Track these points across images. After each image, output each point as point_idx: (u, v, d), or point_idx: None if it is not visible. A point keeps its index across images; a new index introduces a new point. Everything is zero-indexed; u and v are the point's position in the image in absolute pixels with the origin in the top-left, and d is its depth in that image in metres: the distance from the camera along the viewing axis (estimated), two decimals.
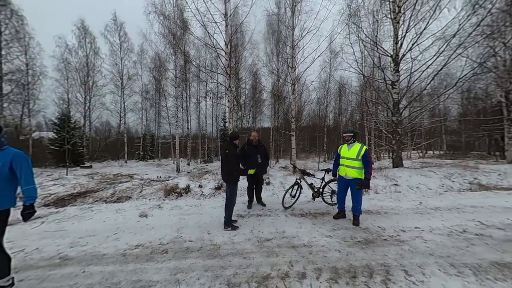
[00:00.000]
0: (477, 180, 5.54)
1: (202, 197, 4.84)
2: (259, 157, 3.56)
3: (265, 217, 3.11)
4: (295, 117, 9.00)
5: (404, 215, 3.11)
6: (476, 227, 2.59)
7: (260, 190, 3.79)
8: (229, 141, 2.86)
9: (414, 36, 6.79)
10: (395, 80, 7.15)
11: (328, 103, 16.79)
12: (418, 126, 9.02)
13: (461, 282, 1.60)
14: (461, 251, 2.05)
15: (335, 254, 2.04)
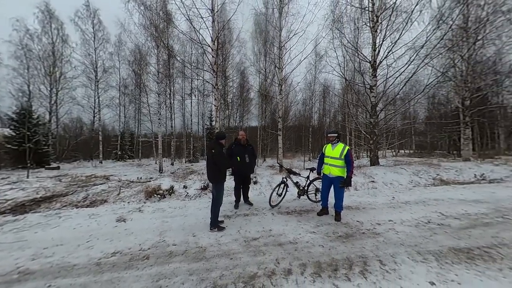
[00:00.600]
0: (439, 176, 6.27)
1: (187, 198, 4.67)
2: (247, 157, 3.56)
3: (252, 217, 3.12)
4: (282, 117, 9.18)
5: (379, 209, 3.38)
6: (438, 218, 2.94)
7: (247, 190, 3.79)
8: (215, 141, 2.80)
9: (390, 45, 7.40)
10: (373, 85, 7.71)
11: (313, 104, 17.43)
12: (392, 128, 9.88)
13: (425, 267, 1.80)
14: (426, 240, 2.30)
15: (318, 249, 2.14)
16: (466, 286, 1.56)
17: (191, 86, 16.21)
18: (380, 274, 1.71)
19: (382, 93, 8.08)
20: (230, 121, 15.86)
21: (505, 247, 2.11)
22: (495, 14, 8.37)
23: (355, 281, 1.64)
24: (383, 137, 12.87)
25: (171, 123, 15.15)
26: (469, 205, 3.47)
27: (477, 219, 2.86)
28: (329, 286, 1.58)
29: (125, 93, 18.06)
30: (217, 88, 6.37)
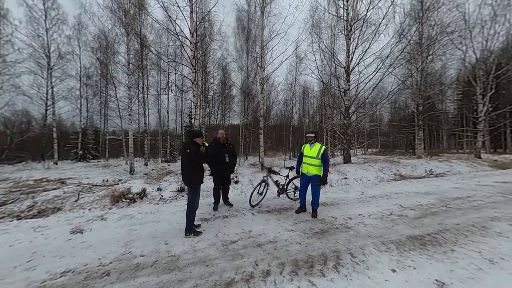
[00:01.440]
0: (399, 172, 7.14)
1: (162, 201, 4.32)
2: (227, 156, 3.45)
3: (232, 218, 3.04)
4: (264, 116, 9.24)
5: (351, 204, 3.66)
6: (398, 210, 3.32)
7: (227, 191, 3.68)
8: (190, 140, 2.62)
9: (361, 53, 8.07)
10: (347, 89, 8.33)
11: (294, 105, 18.06)
12: (362, 129, 10.88)
13: (388, 256, 1.99)
14: (388, 230, 2.57)
15: (296, 247, 2.18)
16: (420, 270, 1.77)
17: (168, 80, 15.08)
18: (351, 266, 1.83)
19: (354, 96, 8.81)
20: (211, 119, 15.32)
21: (448, 232, 2.49)
22: (442, 34, 9.89)
23: (329, 275, 1.71)
24: (355, 137, 14.12)
25: (145, 119, 13.84)
26: (421, 197, 4.02)
27: (427, 209, 3.33)
28: (305, 284, 1.62)
29: (87, 84, 15.81)
30: (196, 84, 6.02)
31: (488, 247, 2.11)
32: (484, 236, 2.36)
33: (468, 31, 10.72)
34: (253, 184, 5.16)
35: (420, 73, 10.27)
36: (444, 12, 9.83)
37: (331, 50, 8.98)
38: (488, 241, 2.24)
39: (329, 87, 10.27)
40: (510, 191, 4.40)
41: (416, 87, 10.60)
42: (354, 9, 8.04)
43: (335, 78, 9.26)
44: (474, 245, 2.16)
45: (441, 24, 9.77)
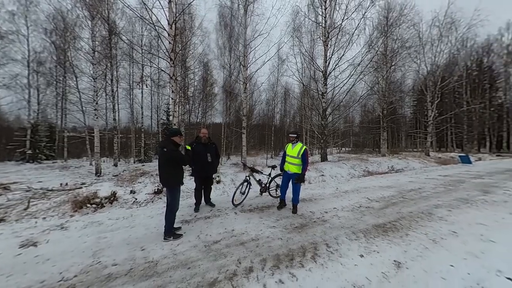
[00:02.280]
0: (367, 168, 7.98)
1: (136, 205, 3.98)
2: (209, 156, 3.37)
3: (214, 218, 3.00)
4: (247, 115, 9.25)
5: (327, 199, 3.97)
6: (366, 202, 3.73)
7: (209, 191, 3.61)
8: (167, 138, 2.47)
9: (337, 59, 8.72)
10: (324, 92, 8.91)
11: (276, 105, 18.50)
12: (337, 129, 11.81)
13: (357, 243, 2.24)
14: (358, 221, 2.88)
15: (278, 242, 2.28)
16: (383, 253, 2.05)
17: (142, 73, 13.83)
18: (327, 255, 2.01)
19: (331, 99, 9.48)
20: (192, 117, 14.64)
21: (404, 219, 2.91)
22: (402, 48, 11.33)
23: (308, 266, 1.85)
24: (331, 137, 15.23)
25: (114, 115, 12.45)
26: (384, 190, 4.59)
27: (388, 201, 3.82)
28: (286, 276, 1.72)
29: (38, 71, 13.41)
30: (175, 79, 5.67)
31: (432, 230, 2.55)
32: (429, 221, 2.83)
33: (421, 47, 12.54)
34: (235, 184, 5.15)
35: (385, 81, 11.61)
36: (404, 29, 11.29)
37: (310, 54, 9.47)
38: (433, 225, 2.70)
39: (308, 89, 10.83)
40: (449, 183, 5.36)
41: (382, 93, 11.96)
42: (331, 18, 8.63)
43: (314, 81, 9.81)
44: (422, 229, 2.58)
45: (401, 39, 11.20)
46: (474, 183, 5.29)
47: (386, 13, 10.82)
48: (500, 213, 3.07)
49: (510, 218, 2.89)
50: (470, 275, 1.68)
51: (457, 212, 3.15)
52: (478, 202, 3.67)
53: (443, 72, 13.22)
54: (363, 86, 10.32)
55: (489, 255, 1.96)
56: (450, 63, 14.38)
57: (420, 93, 15.07)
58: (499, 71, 19.82)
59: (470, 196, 4.07)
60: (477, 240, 2.28)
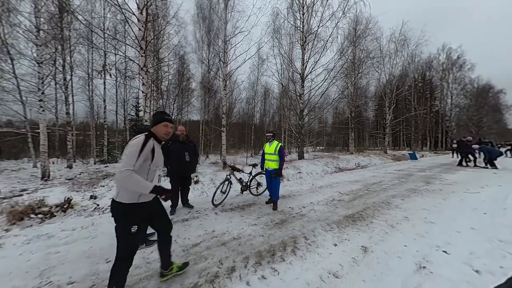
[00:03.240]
0: (338, 165, 8.76)
1: (98, 212, 3.48)
2: (187, 155, 3.17)
3: (193, 220, 2.85)
4: (226, 113, 9.05)
5: (304, 195, 4.20)
6: (337, 196, 4.09)
7: (187, 192, 3.41)
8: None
9: (313, 63, 9.27)
10: (301, 93, 9.39)
11: (256, 104, 18.62)
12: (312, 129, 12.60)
13: (331, 234, 2.44)
14: (331, 213, 3.13)
15: (259, 239, 2.31)
16: (352, 240, 2.28)
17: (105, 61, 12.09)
18: (305, 247, 2.13)
19: (307, 101, 10.05)
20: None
21: (368, 209, 3.30)
22: (367, 58, 12.76)
23: (288, 259, 1.92)
24: (307, 136, 16.19)
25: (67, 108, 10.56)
26: (352, 184, 5.11)
27: (356, 193, 4.28)
28: (268, 271, 1.75)
29: None
30: (146, 71, 5.13)
31: (390, 217, 2.96)
32: (388, 209, 3.28)
33: (382, 59, 14.36)
34: (215, 183, 4.99)
35: (353, 86, 12.91)
36: (369, 41, 12.73)
37: (289, 56, 9.82)
38: (391, 212, 3.14)
39: (287, 90, 11.24)
40: (402, 176, 6.30)
41: (350, 97, 13.27)
42: (308, 23, 9.11)
43: (293, 83, 10.23)
44: (383, 216, 2.97)
45: (367, 50, 12.60)
46: (419, 176, 6.36)
47: (355, 25, 12.01)
48: (438, 200, 3.77)
49: (444, 203, 3.57)
50: (418, 252, 2.01)
51: (408, 200, 3.74)
52: (422, 191, 4.43)
53: (398, 82, 15.44)
54: (335, 90, 11.28)
55: (431, 234, 2.38)
56: (403, 75, 16.90)
57: (380, 99, 17.28)
58: (437, 83, 24.25)
59: (417, 186, 4.88)
60: (422, 222, 2.74)
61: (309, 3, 8.95)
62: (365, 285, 1.57)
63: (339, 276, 1.67)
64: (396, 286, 1.56)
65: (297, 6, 9.19)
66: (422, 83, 23.00)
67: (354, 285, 1.57)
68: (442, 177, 6.14)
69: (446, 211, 3.16)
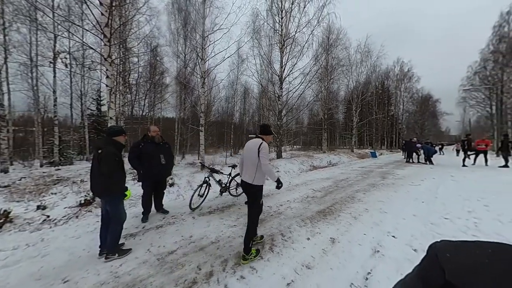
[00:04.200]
0: (313, 163, 9.43)
1: (49, 225, 2.98)
2: (162, 157, 2.98)
3: (168, 227, 2.71)
4: (205, 112, 8.74)
5: (282, 193, 4.42)
6: (312, 193, 4.44)
7: (161, 197, 3.20)
8: (106, 138, 2.02)
9: (291, 67, 9.69)
10: (280, 95, 9.73)
11: (235, 103, 18.45)
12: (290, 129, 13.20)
13: (305, 229, 2.66)
14: (306, 209, 3.39)
15: (239, 240, 2.36)
16: (323, 233, 2.53)
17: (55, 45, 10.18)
18: (282, 244, 2.27)
19: (285, 102, 10.48)
20: (135, 109, 12.27)
21: (337, 204, 3.68)
22: (338, 65, 13.97)
23: (266, 256, 2.02)
24: (285, 136, 16.89)
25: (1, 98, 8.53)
26: (324, 182, 5.60)
27: (327, 190, 4.71)
28: (247, 270, 1.81)
29: None
30: (111, 62, 4.54)
31: (354, 209, 3.38)
32: (352, 203, 3.73)
33: (350, 67, 15.96)
34: (192, 186, 4.81)
35: (326, 90, 14.00)
36: (339, 50, 13.97)
37: (268, 58, 10.05)
38: (354, 206, 3.58)
39: (266, 91, 11.49)
40: (364, 173, 7.19)
41: (324, 100, 14.37)
42: (287, 27, 9.47)
43: (272, 84, 10.50)
44: (348, 210, 3.37)
45: (337, 58, 13.81)
46: (378, 172, 7.36)
47: (328, 34, 13.00)
48: (390, 192, 4.45)
49: (395, 195, 4.25)
50: (374, 238, 2.37)
51: (368, 194, 4.31)
52: (379, 185, 5.16)
53: (363, 88, 17.42)
54: (311, 93, 12.06)
55: (384, 223, 2.82)
56: (366, 82, 19.15)
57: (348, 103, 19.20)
58: (392, 91, 28.23)
59: (375, 181, 5.65)
60: (378, 212, 3.22)
61: (287, 8, 9.31)
62: (332, 272, 1.78)
63: (311, 267, 1.85)
64: (357, 270, 1.81)
65: (276, 9, 9.45)
66: (382, 90, 26.47)
67: (323, 274, 1.77)
68: (394, 172, 7.24)
69: (396, 201, 3.78)
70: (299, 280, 1.68)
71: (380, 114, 23.36)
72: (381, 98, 26.15)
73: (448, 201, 3.69)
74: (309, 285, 1.63)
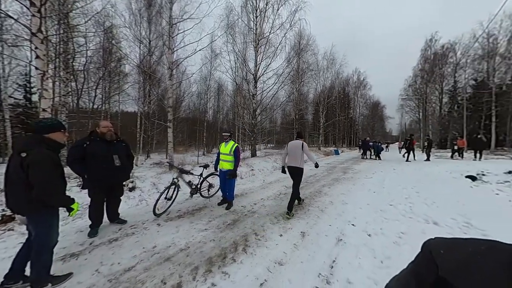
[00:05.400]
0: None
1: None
2: (117, 158, 2.52)
3: (125, 239, 2.33)
4: (173, 106, 7.99)
5: (256, 192, 4.43)
6: (284, 189, 4.61)
7: (116, 204, 2.73)
8: (34, 136, 1.52)
9: (265, 66, 9.83)
10: (254, 93, 9.76)
11: (209, 99, 17.58)
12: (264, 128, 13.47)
13: (278, 226, 2.73)
14: (278, 206, 3.50)
15: (210, 244, 2.22)
16: (294, 228, 2.64)
17: None
18: (255, 243, 2.25)
19: (260, 101, 10.59)
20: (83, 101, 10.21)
21: (307, 199, 3.93)
22: (308, 69, 14.99)
23: (239, 259, 1.97)
24: (259, 134, 17.16)
25: None
26: None
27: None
28: (219, 276, 1.72)
29: None
30: (43, 39, 3.58)
31: (321, 203, 3.67)
32: (320, 197, 4.06)
33: (318, 72, 17.37)
34: (158, 188, 4.32)
35: (297, 92, 14.85)
36: (309, 55, 15.00)
37: (243, 56, 9.92)
38: (321, 199, 3.89)
39: (241, 89, 11.35)
40: (329, 169, 7.95)
41: (295, 101, 15.22)
42: (261, 27, 9.53)
43: (246, 82, 10.43)
44: (316, 204, 3.64)
45: (307, 63, 14.82)
46: (340, 168, 8.28)
47: (299, 39, 13.76)
48: (349, 185, 5.05)
49: (353, 187, 4.84)
50: (338, 228, 2.62)
51: (333, 188, 4.78)
52: (341, 179, 5.79)
53: (328, 92, 19.29)
54: (284, 93, 12.55)
55: (346, 213, 3.16)
56: (331, 87, 21.31)
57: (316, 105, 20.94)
58: (351, 97, 32.33)
59: (338, 176, 6.32)
60: (341, 204, 3.59)
61: (262, 7, 9.37)
62: (302, 266, 1.87)
63: (283, 263, 1.90)
64: (324, 259, 1.96)
65: (251, 7, 9.39)
66: (343, 95, 29.90)
67: (294, 268, 1.83)
68: (353, 167, 8.28)
69: (354, 193, 4.30)
70: (272, 278, 1.69)
71: (342, 116, 26.38)
72: (343, 102, 29.53)
73: (392, 190, 4.44)
74: (281, 281, 1.66)
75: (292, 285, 1.62)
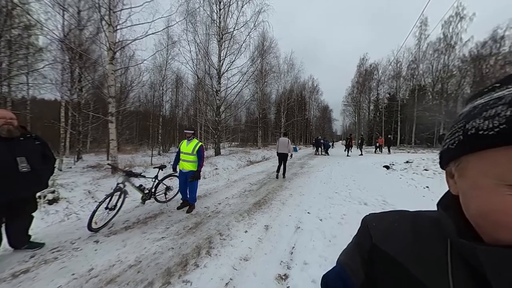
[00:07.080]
0: (250, 159, 10.07)
1: None
2: (24, 162, 1.83)
3: (42, 267, 1.77)
4: (116, 97, 6.60)
5: (220, 191, 4.31)
6: (249, 187, 4.70)
7: (24, 225, 2.01)
8: None
9: (229, 63, 9.61)
10: (218, 90, 9.40)
11: (165, 92, 15.57)
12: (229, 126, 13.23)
13: (243, 222, 2.76)
14: (243, 203, 3.53)
15: (168, 254, 2.00)
16: (259, 223, 2.74)
17: None
18: (220, 244, 2.19)
19: (224, 98, 10.30)
20: None
21: (270, 194, 4.16)
22: (270, 70, 15.73)
23: (202, 263, 1.87)
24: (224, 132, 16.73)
25: None
26: (259, 175, 6.14)
27: (262, 182, 5.20)
28: (179, 286, 1.57)
29: None
30: None
31: (282, 196, 3.97)
32: (281, 191, 4.38)
33: (279, 74, 18.54)
34: (95, 197, 3.51)
35: (261, 92, 15.37)
36: (272, 58, 15.77)
37: (205, 48, 9.33)
38: (282, 193, 4.21)
39: (203, 84, 10.66)
40: (289, 164, 8.63)
41: (259, 101, 15.71)
42: (225, 21, 9.22)
43: (209, 77, 9.89)
44: (278, 197, 3.91)
45: (270, 64, 15.54)
46: (298, 163, 9.20)
47: (263, 40, 14.21)
48: (306, 178, 5.71)
49: (309, 180, 5.50)
50: (296, 217, 2.92)
51: (292, 182, 5.26)
52: (299, 173, 6.46)
53: (288, 95, 20.96)
54: (248, 92, 12.70)
55: (303, 203, 3.55)
56: (291, 90, 23.26)
57: (278, 105, 22.40)
58: (307, 100, 36.48)
59: (297, 171, 7.02)
60: (299, 195, 4.01)
61: (226, 1, 9.06)
62: (266, 257, 1.97)
63: (248, 259, 1.94)
64: (285, 247, 2.13)
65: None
66: (300, 98, 33.27)
67: (259, 260, 1.91)
68: (308, 162, 9.39)
69: (309, 185, 4.89)
70: (237, 275, 1.70)
71: (299, 117, 29.32)
72: (300, 104, 32.86)
73: (337, 180, 5.33)
74: (247, 276, 1.70)
75: (256, 277, 1.68)
